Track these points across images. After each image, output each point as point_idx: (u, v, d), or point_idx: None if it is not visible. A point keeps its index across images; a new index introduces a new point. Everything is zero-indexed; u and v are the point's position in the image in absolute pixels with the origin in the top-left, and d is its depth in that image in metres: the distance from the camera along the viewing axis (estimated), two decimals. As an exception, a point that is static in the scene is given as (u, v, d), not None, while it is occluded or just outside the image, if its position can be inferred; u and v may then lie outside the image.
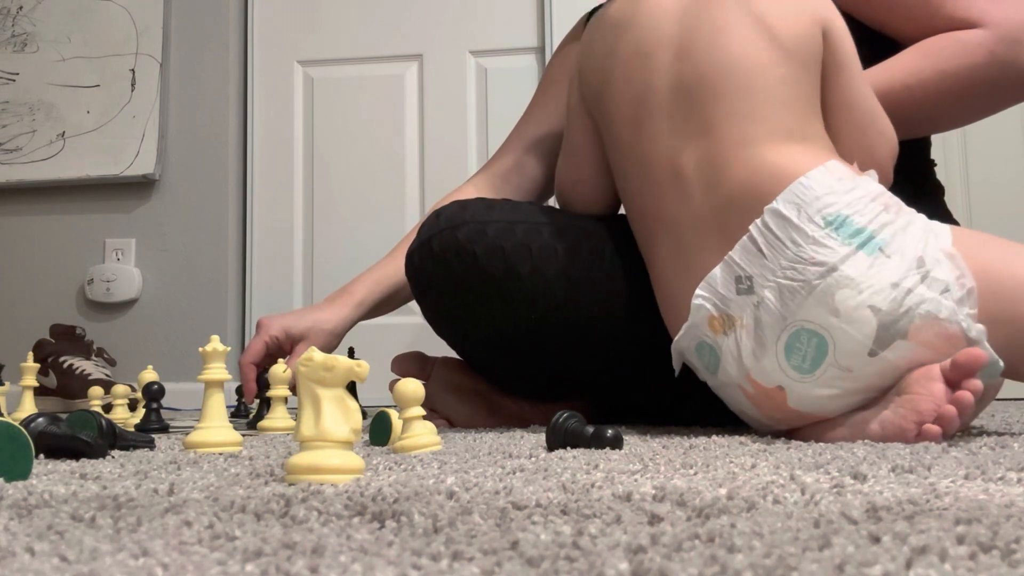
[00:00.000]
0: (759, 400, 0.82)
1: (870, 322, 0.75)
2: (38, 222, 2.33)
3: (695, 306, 0.83)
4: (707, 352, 0.84)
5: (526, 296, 0.99)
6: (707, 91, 0.87)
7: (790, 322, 0.77)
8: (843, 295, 0.75)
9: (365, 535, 0.37)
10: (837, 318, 0.76)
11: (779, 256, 0.78)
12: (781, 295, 0.78)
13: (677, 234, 0.87)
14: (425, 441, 0.76)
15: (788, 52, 0.86)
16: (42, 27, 2.34)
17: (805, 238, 0.77)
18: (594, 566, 0.30)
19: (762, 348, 0.79)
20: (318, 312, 1.23)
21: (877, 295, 0.75)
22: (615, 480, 0.53)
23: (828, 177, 0.80)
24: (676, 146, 0.88)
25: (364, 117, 2.27)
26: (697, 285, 0.83)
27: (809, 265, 0.76)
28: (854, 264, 0.76)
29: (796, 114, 0.85)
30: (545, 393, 1.12)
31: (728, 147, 0.84)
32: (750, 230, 0.80)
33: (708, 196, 0.85)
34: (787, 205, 0.79)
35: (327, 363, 0.54)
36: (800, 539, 0.34)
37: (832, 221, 0.77)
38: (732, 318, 0.81)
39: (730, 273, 0.81)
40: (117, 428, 0.81)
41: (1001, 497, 0.44)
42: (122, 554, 0.33)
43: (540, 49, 2.22)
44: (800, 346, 0.77)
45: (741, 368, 0.81)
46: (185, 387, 2.01)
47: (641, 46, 0.92)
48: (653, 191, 0.89)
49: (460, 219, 1.01)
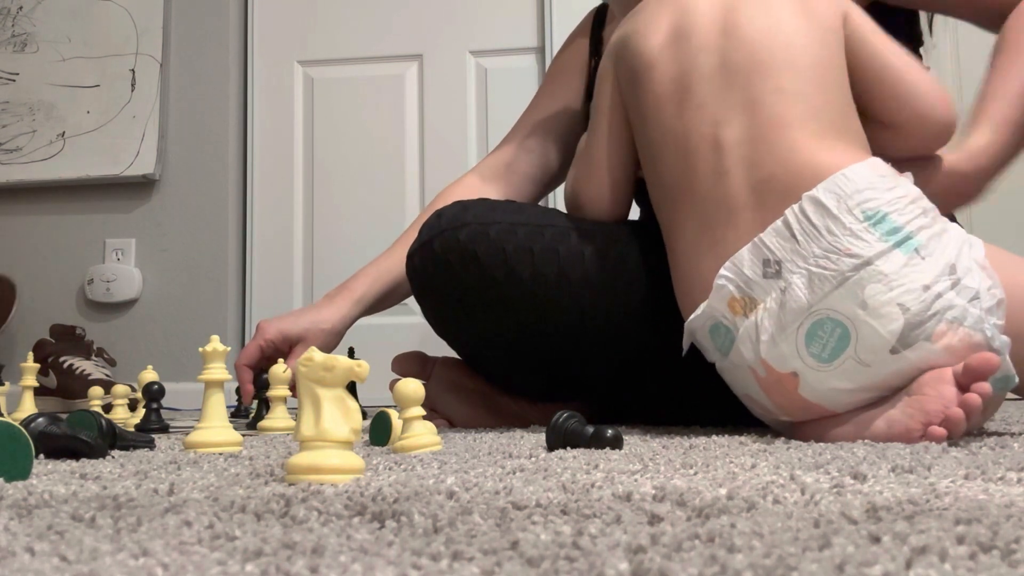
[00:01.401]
0: (769, 385, 0.81)
1: (897, 320, 0.75)
2: (38, 222, 2.33)
3: (718, 286, 0.82)
4: (722, 333, 0.84)
5: (527, 298, 0.99)
6: (751, 68, 0.88)
7: (815, 310, 0.77)
8: (874, 289, 0.75)
9: (365, 535, 0.37)
10: (864, 311, 0.75)
11: (813, 244, 0.78)
12: (810, 282, 0.77)
13: (707, 210, 0.86)
14: (425, 441, 0.76)
15: (827, 37, 0.89)
16: (42, 27, 2.34)
17: (842, 229, 0.77)
18: (594, 566, 0.30)
19: (782, 332, 0.78)
20: (316, 312, 1.22)
21: (908, 294, 0.75)
22: (615, 480, 0.53)
23: (871, 173, 0.80)
24: (720, 120, 0.88)
25: (364, 117, 2.27)
26: (721, 264, 0.82)
27: (844, 256, 0.76)
28: (889, 261, 0.76)
29: (835, 100, 0.87)
30: (545, 394, 1.12)
31: (771, 127, 0.85)
32: (785, 214, 0.80)
33: (747, 174, 0.84)
34: (827, 194, 0.79)
35: (327, 363, 0.54)
36: (800, 539, 0.34)
37: (871, 216, 0.78)
38: (754, 300, 0.80)
39: (758, 255, 0.80)
40: (117, 428, 0.81)
41: (1001, 497, 0.44)
42: (122, 554, 0.33)
43: (540, 49, 2.22)
44: (822, 334, 0.77)
45: (756, 351, 0.80)
46: (185, 387, 2.01)
47: (685, 26, 0.93)
48: (689, 165, 0.88)
49: (462, 220, 1.00)
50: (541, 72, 2.19)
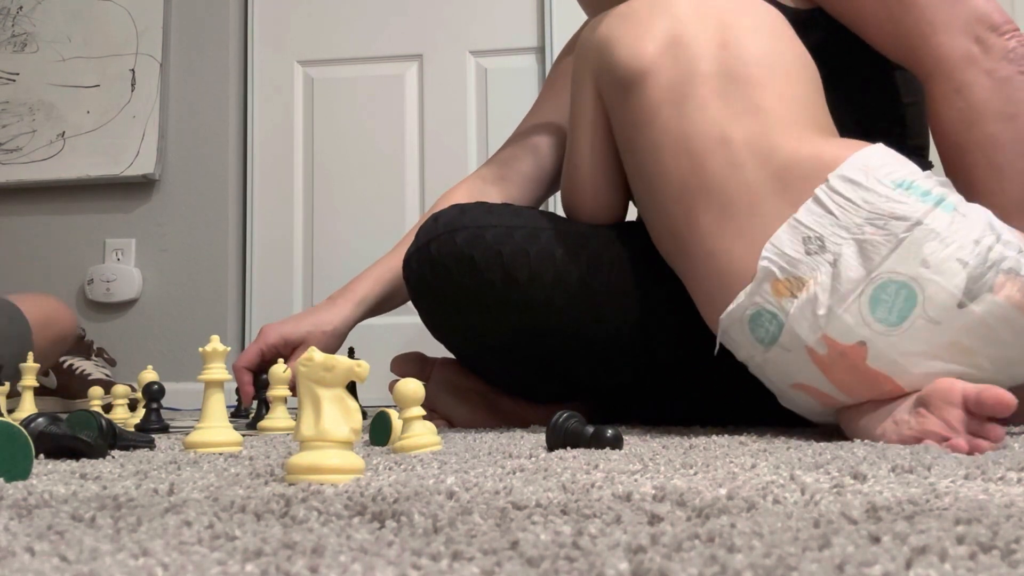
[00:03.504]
0: (830, 362, 0.80)
1: (959, 274, 0.76)
2: (38, 222, 2.32)
3: (762, 268, 0.81)
4: (766, 321, 0.82)
5: (523, 301, 0.99)
6: (753, 78, 0.90)
7: (875, 275, 0.77)
8: (931, 247, 0.76)
9: (365, 535, 0.37)
10: (928, 269, 0.76)
11: (852, 215, 0.79)
12: (862, 250, 0.78)
13: (725, 202, 0.86)
14: (425, 441, 0.76)
15: (808, 66, 0.94)
16: (42, 27, 2.34)
17: (878, 197, 0.79)
18: (594, 566, 0.30)
19: (842, 303, 0.78)
20: (318, 314, 1.23)
21: (962, 249, 0.76)
22: (615, 480, 0.53)
23: (884, 152, 0.83)
24: (724, 119, 0.89)
25: (364, 117, 2.27)
26: (753, 251, 0.82)
27: (891, 219, 0.77)
28: (936, 218, 0.77)
29: (822, 120, 0.91)
30: (544, 394, 1.12)
31: (778, 125, 0.87)
32: (816, 193, 0.81)
33: (761, 163, 0.85)
34: (853, 171, 0.81)
35: (327, 363, 0.54)
36: (800, 539, 0.34)
37: (900, 183, 0.80)
38: (801, 280, 0.80)
39: (796, 234, 0.81)
40: (117, 428, 0.81)
41: (1001, 497, 0.44)
42: (122, 554, 0.33)
43: (540, 49, 2.21)
44: (887, 298, 0.77)
45: (816, 328, 0.79)
46: (185, 387, 2.01)
47: (682, 36, 0.94)
48: (699, 163, 0.88)
49: (459, 223, 1.00)
50: (541, 72, 2.19)
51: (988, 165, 0.91)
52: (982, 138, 0.91)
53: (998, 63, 0.91)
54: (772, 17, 0.97)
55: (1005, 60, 0.91)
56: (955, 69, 0.92)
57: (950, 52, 0.92)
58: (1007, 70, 0.91)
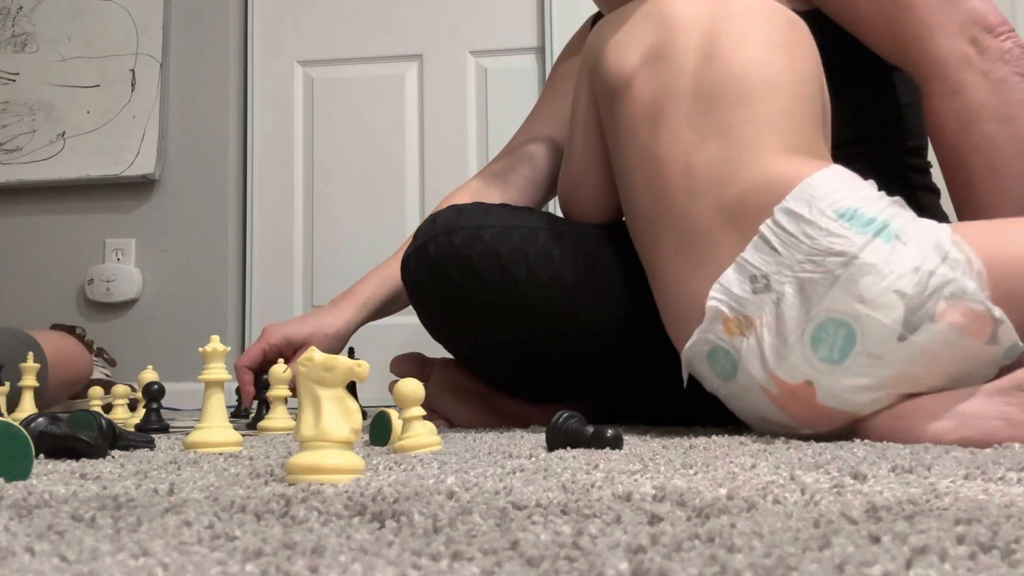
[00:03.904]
0: (784, 400, 0.80)
1: (897, 306, 0.74)
2: (38, 222, 2.32)
3: (710, 307, 0.82)
4: (721, 357, 0.83)
5: (521, 301, 0.99)
6: (730, 95, 0.88)
7: (814, 314, 0.77)
8: (867, 281, 0.75)
9: (365, 535, 0.37)
10: (863, 304, 0.75)
11: (794, 251, 0.78)
12: (802, 289, 0.77)
13: (685, 233, 0.86)
14: (425, 441, 0.76)
15: (803, 76, 0.91)
16: (42, 27, 2.34)
17: (818, 231, 0.78)
18: (594, 566, 0.30)
19: (786, 344, 0.78)
20: (321, 317, 1.23)
21: (901, 279, 0.75)
22: (615, 480, 0.53)
23: (835, 177, 0.81)
24: (691, 145, 0.88)
25: (364, 117, 2.27)
26: (707, 285, 0.82)
27: (828, 256, 0.77)
28: (873, 251, 0.76)
29: (805, 131, 0.89)
30: (544, 395, 1.12)
31: (742, 150, 0.86)
32: (761, 230, 0.80)
33: (717, 194, 0.84)
34: (797, 202, 0.79)
35: (327, 363, 0.54)
36: (800, 539, 0.34)
37: (844, 213, 0.78)
38: (749, 319, 0.80)
39: (744, 273, 0.80)
40: (117, 428, 0.81)
41: (1001, 497, 0.44)
42: (122, 554, 0.33)
43: (540, 49, 2.21)
44: (827, 336, 0.76)
45: (765, 367, 0.79)
46: (185, 387, 2.01)
47: (666, 48, 0.93)
48: (663, 190, 0.89)
49: (456, 223, 1.00)
50: (541, 72, 2.19)
51: (985, 166, 0.91)
52: (979, 139, 0.91)
53: (994, 64, 0.91)
54: (772, 23, 0.93)
55: (1001, 61, 0.91)
56: (951, 70, 0.92)
57: (946, 53, 0.92)
58: (1003, 71, 0.91)
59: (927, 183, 1.17)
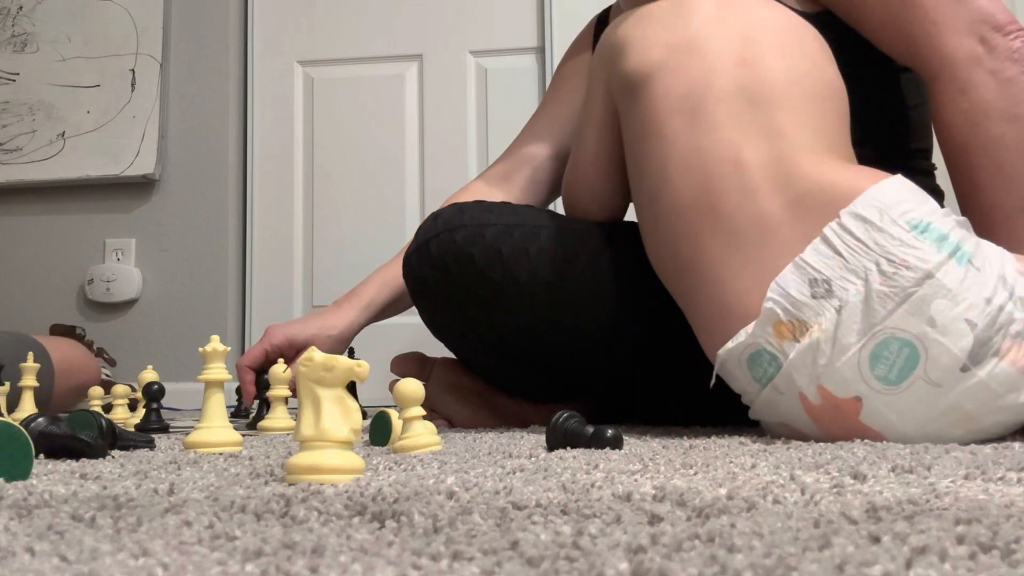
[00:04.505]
0: (823, 412, 0.77)
1: (967, 336, 0.72)
2: (38, 222, 2.32)
3: (766, 309, 0.78)
4: (766, 361, 0.79)
5: (523, 299, 0.99)
6: (772, 100, 0.86)
7: (879, 329, 0.73)
8: (940, 305, 0.72)
9: (365, 535, 0.37)
10: (934, 329, 0.72)
11: (862, 258, 0.75)
12: (868, 300, 0.74)
13: (735, 228, 0.82)
14: (425, 441, 0.76)
15: (835, 88, 0.90)
16: (42, 27, 2.34)
17: (890, 240, 0.75)
18: (594, 566, 0.30)
19: (842, 355, 0.74)
20: (324, 318, 1.23)
21: (973, 309, 0.72)
22: (615, 480, 0.53)
23: (903, 187, 0.79)
24: (739, 141, 0.85)
25: (364, 117, 2.27)
26: (755, 284, 0.79)
27: (903, 269, 0.73)
28: (949, 273, 0.73)
29: (843, 140, 0.88)
30: (544, 394, 1.12)
31: (797, 150, 0.83)
32: (824, 232, 0.77)
33: (777, 191, 0.81)
34: (867, 208, 0.76)
35: (327, 363, 0.54)
36: (800, 539, 0.34)
37: (916, 225, 0.75)
38: (805, 323, 0.76)
39: (803, 276, 0.77)
40: (117, 428, 0.81)
41: (1001, 497, 0.44)
42: (122, 554, 0.33)
43: (540, 49, 2.21)
44: (888, 355, 0.73)
45: (812, 376, 0.76)
46: (185, 387, 2.01)
47: (697, 45, 0.90)
48: (708, 183, 0.84)
49: (458, 222, 1.00)
50: (541, 72, 2.19)
51: (992, 166, 0.91)
52: (986, 139, 0.91)
53: (1003, 63, 0.90)
54: (800, 35, 0.92)
55: (1010, 60, 0.90)
56: (960, 69, 0.91)
57: (954, 52, 0.92)
58: (1012, 70, 0.90)
59: (932, 185, 1.16)
